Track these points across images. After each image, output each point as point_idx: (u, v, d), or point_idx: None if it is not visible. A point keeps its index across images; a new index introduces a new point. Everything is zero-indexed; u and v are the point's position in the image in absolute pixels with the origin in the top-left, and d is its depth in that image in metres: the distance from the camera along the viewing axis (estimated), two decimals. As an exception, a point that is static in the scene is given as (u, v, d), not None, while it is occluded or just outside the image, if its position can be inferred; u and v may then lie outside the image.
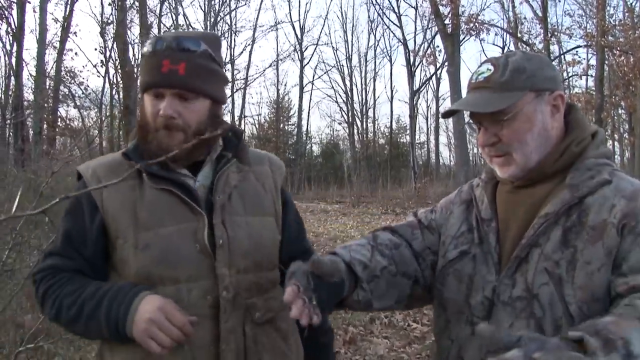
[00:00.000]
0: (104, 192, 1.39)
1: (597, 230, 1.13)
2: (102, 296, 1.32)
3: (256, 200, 1.51)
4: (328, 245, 10.66)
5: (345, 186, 26.58)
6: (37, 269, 1.45)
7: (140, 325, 1.27)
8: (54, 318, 1.39)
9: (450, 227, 1.43)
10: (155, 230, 1.36)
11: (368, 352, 4.59)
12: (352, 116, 36.64)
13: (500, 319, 1.21)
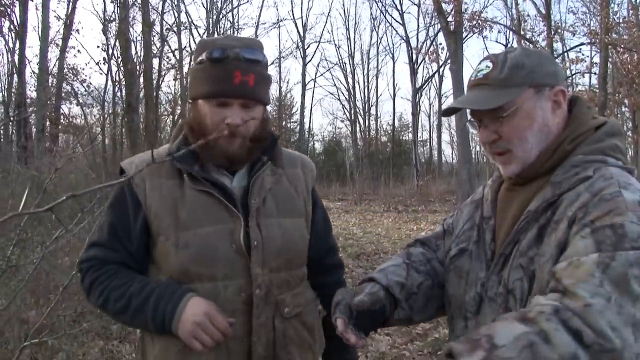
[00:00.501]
0: (148, 190, 1.48)
1: (557, 225, 1.13)
2: (150, 293, 1.43)
3: (289, 203, 1.60)
4: (330, 243, 10.62)
5: (348, 184, 26.55)
6: (83, 258, 1.54)
7: (186, 326, 1.38)
8: (101, 307, 1.51)
9: (457, 226, 1.47)
10: (195, 230, 1.45)
11: (370, 349, 4.60)
12: (354, 114, 36.59)
13: (485, 314, 1.24)
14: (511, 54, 1.26)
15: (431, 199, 21.54)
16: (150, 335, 1.53)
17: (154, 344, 1.52)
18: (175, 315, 1.39)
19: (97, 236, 1.54)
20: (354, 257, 9.07)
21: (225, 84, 1.42)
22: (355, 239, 11.33)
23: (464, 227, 1.43)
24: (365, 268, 8.18)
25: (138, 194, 1.48)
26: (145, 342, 1.57)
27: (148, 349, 1.55)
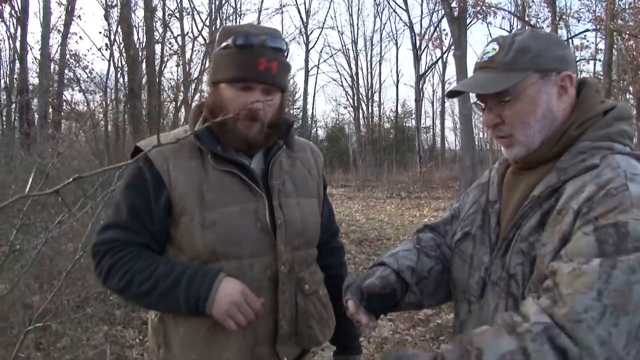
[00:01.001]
0: (171, 170, 1.48)
1: (561, 215, 1.11)
2: (180, 275, 1.43)
3: (304, 184, 1.67)
4: (333, 229, 10.65)
5: (351, 170, 26.58)
6: (98, 241, 1.50)
7: (222, 306, 1.40)
8: (123, 290, 1.47)
9: (462, 210, 1.46)
10: (220, 209, 1.48)
11: (372, 335, 4.62)
12: (357, 100, 36.51)
13: (489, 298, 1.24)
14: (519, 37, 1.23)
15: (434, 185, 21.54)
16: (172, 317, 1.53)
17: (177, 326, 1.52)
18: (210, 296, 1.41)
19: (114, 218, 1.52)
20: (356, 243, 9.08)
21: (251, 69, 1.47)
22: (358, 225, 11.35)
23: (469, 211, 1.42)
24: (368, 254, 8.20)
25: (161, 174, 1.48)
26: (167, 325, 1.55)
27: (171, 331, 1.54)
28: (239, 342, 1.49)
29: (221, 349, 1.48)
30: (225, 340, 1.48)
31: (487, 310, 1.23)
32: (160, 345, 1.55)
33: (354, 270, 7.04)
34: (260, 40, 1.47)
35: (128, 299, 1.61)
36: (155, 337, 1.58)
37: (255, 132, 1.51)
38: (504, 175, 1.37)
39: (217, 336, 1.48)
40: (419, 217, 12.74)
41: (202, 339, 1.49)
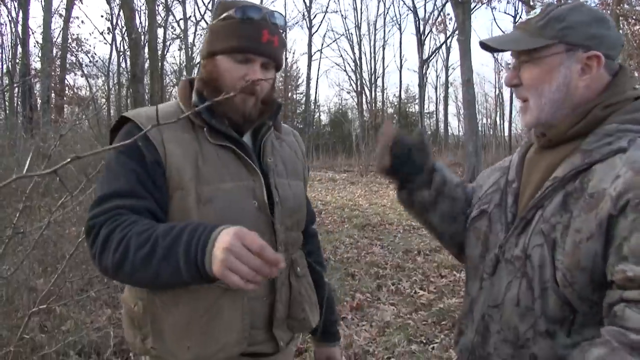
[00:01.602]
0: (166, 142, 1.38)
1: (594, 199, 1.07)
2: (180, 231, 1.18)
3: (293, 166, 1.64)
4: (336, 214, 10.71)
5: (354, 155, 26.51)
6: (95, 213, 1.29)
7: (217, 257, 1.09)
8: (119, 264, 1.21)
9: (481, 189, 1.47)
10: (217, 185, 1.40)
11: (375, 318, 4.64)
12: (360, 85, 36.40)
13: (501, 276, 1.24)
14: (562, 6, 1.21)
15: (437, 171, 21.45)
16: (162, 303, 1.38)
17: (169, 313, 1.38)
18: (207, 247, 1.13)
19: (111, 186, 1.33)
20: (359, 228, 9.10)
21: (254, 41, 1.43)
22: (361, 210, 11.36)
23: (487, 191, 1.42)
24: (371, 239, 8.22)
25: (156, 145, 1.36)
26: (155, 313, 1.39)
27: (160, 319, 1.38)
28: (237, 326, 1.40)
29: (219, 335, 1.38)
30: (223, 325, 1.39)
31: (499, 287, 1.23)
32: (148, 335, 1.40)
33: (356, 254, 7.06)
34: (262, 14, 1.45)
35: (126, 278, 1.26)
36: (138, 328, 1.43)
37: (250, 106, 1.46)
38: (524, 156, 1.36)
39: (215, 321, 1.38)
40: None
41: (198, 325, 1.37)
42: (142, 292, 1.40)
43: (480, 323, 1.27)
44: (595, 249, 1.06)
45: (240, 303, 1.41)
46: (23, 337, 2.73)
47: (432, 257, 6.98)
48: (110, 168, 1.36)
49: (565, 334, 1.12)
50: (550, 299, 1.12)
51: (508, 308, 1.20)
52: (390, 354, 3.87)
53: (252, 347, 1.45)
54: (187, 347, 1.36)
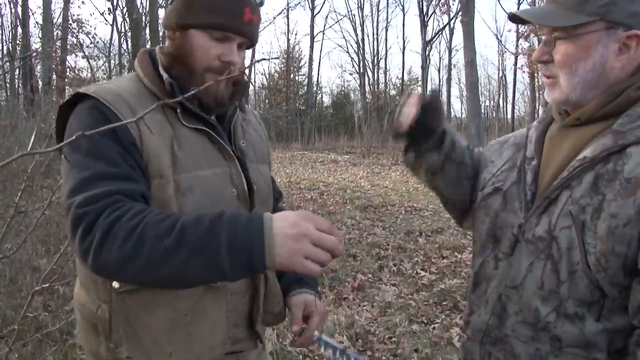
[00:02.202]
0: (141, 124, 1.21)
1: (632, 185, 1.03)
2: (216, 220, 1.02)
3: (260, 149, 1.53)
4: (338, 195, 10.72)
5: (356, 137, 26.47)
6: (86, 199, 1.06)
7: (288, 245, 0.98)
8: (127, 258, 1.01)
9: (494, 165, 1.42)
10: (195, 172, 1.27)
11: (376, 299, 4.66)
12: (363, 67, 36.20)
13: (521, 256, 1.20)
14: None
15: (439, 153, 21.44)
16: (140, 307, 1.23)
17: (148, 317, 1.24)
18: (265, 237, 0.99)
19: (98, 167, 1.12)
20: (361, 209, 9.12)
21: (236, 18, 1.29)
22: (363, 191, 11.36)
23: (502, 167, 1.37)
24: (373, 220, 8.23)
25: (130, 130, 1.18)
26: (129, 318, 1.24)
27: (136, 325, 1.24)
28: (222, 326, 1.31)
29: (204, 337, 1.28)
30: (208, 325, 1.28)
31: (518, 268, 1.20)
32: (120, 343, 1.24)
33: (358, 235, 7.08)
34: None
35: (133, 276, 1.04)
36: (103, 335, 1.26)
37: (222, 88, 1.33)
38: (544, 132, 1.32)
39: (199, 322, 1.27)
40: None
41: (181, 327, 1.25)
42: (107, 293, 1.22)
43: (497, 304, 1.24)
44: (632, 234, 1.03)
45: (223, 300, 1.31)
46: (27, 315, 2.75)
47: (433, 238, 6.99)
48: (83, 149, 1.14)
49: (594, 319, 1.10)
50: (580, 282, 1.09)
51: (529, 289, 1.17)
52: (391, 334, 3.89)
53: (234, 345, 1.37)
54: (169, 352, 1.24)
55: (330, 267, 5.51)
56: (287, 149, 26.24)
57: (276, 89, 37.20)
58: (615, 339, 1.09)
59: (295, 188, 11.93)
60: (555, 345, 1.13)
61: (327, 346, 1.41)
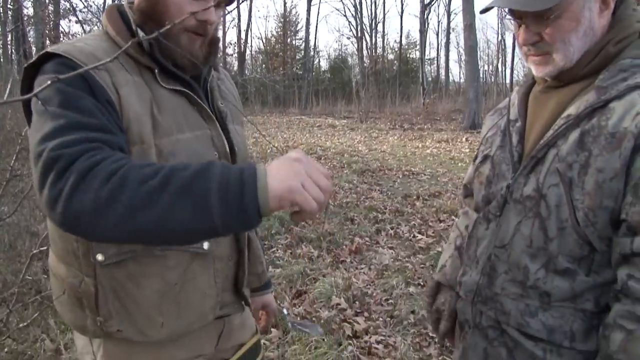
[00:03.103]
0: (118, 86, 1.13)
1: (617, 139, 1.05)
2: (207, 165, 0.93)
3: (235, 110, 1.47)
4: (335, 159, 10.72)
5: (353, 101, 26.33)
6: (61, 142, 0.95)
7: (288, 179, 0.90)
8: (105, 202, 0.88)
9: (481, 135, 1.44)
10: (176, 136, 1.20)
11: (373, 262, 4.70)
12: (360, 31, 35.79)
13: (509, 216, 1.22)
14: None
15: (437, 117, 21.42)
16: (127, 278, 1.18)
17: (136, 287, 1.18)
18: (258, 177, 0.90)
19: (73, 117, 1.01)
20: (359, 174, 9.12)
21: None
22: (361, 155, 11.36)
23: (487, 135, 1.40)
24: (370, 184, 8.24)
25: (107, 90, 1.09)
26: (117, 290, 1.18)
27: (124, 297, 1.18)
28: (211, 292, 1.29)
29: (194, 305, 1.26)
30: (198, 292, 1.26)
31: (506, 228, 1.22)
32: (110, 316, 1.19)
33: (355, 199, 7.10)
34: None
35: (111, 225, 0.89)
36: (90, 309, 1.20)
37: (197, 47, 1.25)
38: (527, 95, 1.32)
39: (189, 290, 1.24)
40: (422, 148, 12.74)
41: (172, 297, 1.21)
42: (90, 267, 1.16)
43: (487, 264, 1.27)
44: (618, 188, 1.05)
45: (211, 267, 1.28)
46: (26, 279, 2.77)
47: (430, 202, 7.01)
48: (55, 101, 1.03)
49: (584, 273, 1.12)
50: (569, 238, 1.11)
51: (517, 248, 1.19)
52: (388, 296, 3.94)
53: (222, 310, 1.35)
54: (160, 323, 1.21)
55: (328, 230, 5.55)
56: (284, 114, 26.11)
57: (273, 53, 36.85)
58: (604, 291, 1.12)
59: (292, 153, 11.88)
60: (545, 301, 1.16)
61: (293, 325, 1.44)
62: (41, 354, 2.99)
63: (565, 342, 1.14)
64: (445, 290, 1.52)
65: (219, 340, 1.41)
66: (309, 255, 4.84)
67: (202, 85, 1.34)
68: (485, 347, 1.27)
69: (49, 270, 1.33)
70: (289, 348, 3.11)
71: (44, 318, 3.32)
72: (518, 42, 1.24)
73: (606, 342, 1.05)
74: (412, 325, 3.45)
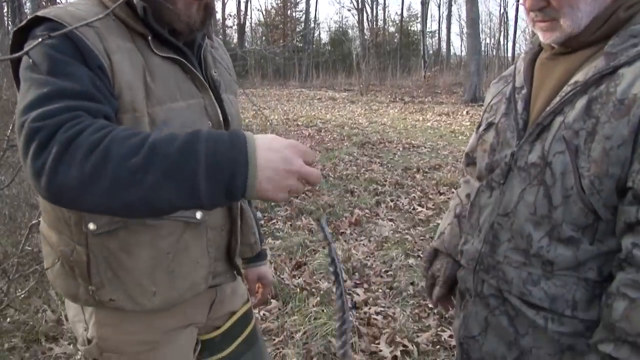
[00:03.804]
0: (110, 52, 1.09)
1: (625, 105, 1.02)
2: (193, 138, 0.89)
3: (229, 78, 1.45)
4: (335, 132, 10.69)
5: (354, 74, 26.16)
6: (41, 113, 0.91)
7: (277, 180, 0.90)
8: (89, 177, 0.85)
9: (485, 103, 1.41)
10: (169, 104, 1.17)
11: (373, 234, 4.71)
12: (361, 2, 35.35)
13: (513, 184, 1.20)
14: None
15: (438, 90, 21.31)
16: (115, 242, 1.16)
17: (129, 256, 1.18)
18: (249, 165, 0.88)
19: (56, 84, 0.97)
20: (359, 146, 9.11)
21: None
22: (361, 128, 11.32)
23: (491, 102, 1.38)
24: (370, 157, 8.23)
25: (99, 56, 1.05)
26: (109, 259, 1.17)
27: (116, 267, 1.17)
28: (204, 261, 1.28)
29: (187, 274, 1.25)
30: (190, 262, 1.25)
31: (510, 196, 1.21)
32: (102, 285, 1.18)
33: (356, 171, 7.09)
34: None
35: (96, 200, 0.87)
36: (82, 278, 1.19)
37: (194, 12, 1.22)
38: (533, 62, 1.30)
39: (181, 259, 1.23)
40: (422, 121, 12.69)
41: (164, 266, 1.21)
42: (82, 235, 1.14)
43: (489, 232, 1.25)
44: (626, 155, 1.03)
45: (204, 236, 1.27)
46: (25, 249, 2.77)
47: (431, 174, 7.01)
48: (43, 68, 1.00)
49: (588, 242, 1.11)
50: (574, 206, 1.10)
51: (521, 216, 1.18)
52: (388, 268, 3.95)
53: (214, 279, 1.35)
54: (152, 292, 1.20)
55: (327, 202, 5.55)
56: (284, 87, 25.98)
57: (273, 25, 36.49)
58: (608, 260, 1.11)
59: (292, 125, 11.87)
60: (547, 269, 1.15)
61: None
62: (43, 324, 3.01)
63: (567, 310, 1.13)
64: (442, 257, 1.53)
65: (210, 309, 1.42)
66: (308, 227, 4.85)
67: (196, 53, 1.31)
68: (486, 316, 1.27)
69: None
70: (288, 319, 3.13)
71: (45, 289, 3.34)
72: (525, 8, 1.21)
73: (609, 311, 1.04)
74: (411, 296, 3.47)
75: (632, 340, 0.99)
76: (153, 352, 1.29)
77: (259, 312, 3.24)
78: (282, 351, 2.80)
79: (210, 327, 1.46)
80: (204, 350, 1.47)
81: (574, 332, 1.14)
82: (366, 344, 2.89)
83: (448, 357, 2.79)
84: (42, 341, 2.88)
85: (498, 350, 1.26)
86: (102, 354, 1.28)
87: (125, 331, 1.26)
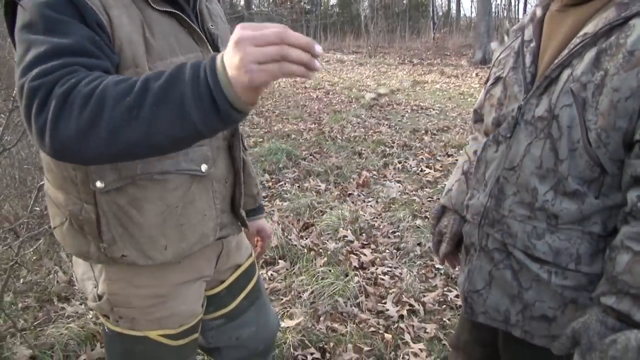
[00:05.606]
0: (109, 9, 1.07)
1: (635, 57, 1.00)
2: (178, 69, 0.88)
3: (226, 35, 1.40)
4: (343, 94, 10.61)
5: (362, 36, 25.84)
6: (39, 72, 0.92)
7: (236, 59, 0.80)
8: (88, 125, 0.87)
9: (494, 58, 1.40)
10: (169, 59, 1.15)
11: (381, 195, 4.71)
12: (370, -39, 34.64)
13: (520, 138, 1.19)
14: None
15: (447, 52, 21.00)
16: (124, 198, 1.17)
17: (139, 212, 1.19)
18: (217, 65, 0.84)
19: (53, 42, 0.96)
20: (367, 108, 9.05)
21: None
22: (369, 90, 11.22)
23: (500, 57, 1.36)
24: (378, 119, 8.18)
25: (96, 11, 1.04)
26: (119, 215, 1.18)
27: (126, 221, 1.19)
28: (211, 213, 1.30)
29: (196, 226, 1.27)
30: (198, 214, 1.27)
31: (517, 149, 1.19)
32: (114, 242, 1.20)
33: (364, 133, 7.06)
34: None
35: (101, 146, 0.88)
36: (93, 236, 1.20)
37: None
38: (543, 15, 1.27)
39: (190, 212, 1.25)
40: (430, 83, 12.55)
41: (173, 219, 1.22)
42: (89, 194, 1.16)
43: (495, 186, 1.25)
44: (634, 107, 1.01)
45: (210, 188, 1.29)
46: (34, 210, 2.80)
47: (439, 136, 6.96)
48: (40, 27, 0.99)
49: (594, 196, 1.10)
50: (580, 160, 1.09)
51: (527, 170, 1.17)
52: (395, 229, 3.97)
53: (221, 231, 1.37)
54: (164, 245, 1.23)
55: (335, 164, 5.54)
56: (292, 50, 25.64)
57: (279, -14, 35.86)
58: (612, 215, 1.10)
59: (300, 87, 11.80)
60: (552, 223, 1.15)
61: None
62: (55, 284, 3.07)
63: (571, 264, 1.13)
64: (450, 213, 1.53)
65: (217, 262, 1.45)
66: (316, 189, 4.86)
67: (192, 7, 1.28)
68: (490, 270, 1.27)
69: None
70: (296, 279, 3.16)
71: (56, 251, 3.38)
72: None
73: (612, 264, 1.04)
74: (418, 257, 3.49)
75: (635, 292, 0.99)
76: (163, 306, 1.32)
77: (267, 273, 3.28)
78: (289, 310, 2.84)
79: (216, 280, 1.49)
80: (209, 305, 1.50)
81: (577, 285, 1.15)
82: (373, 304, 2.93)
83: (454, 316, 2.82)
84: (55, 301, 2.94)
85: (501, 304, 1.27)
86: (112, 309, 1.30)
87: (136, 286, 1.28)
